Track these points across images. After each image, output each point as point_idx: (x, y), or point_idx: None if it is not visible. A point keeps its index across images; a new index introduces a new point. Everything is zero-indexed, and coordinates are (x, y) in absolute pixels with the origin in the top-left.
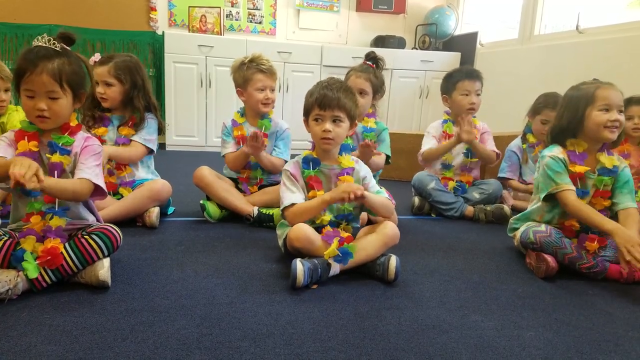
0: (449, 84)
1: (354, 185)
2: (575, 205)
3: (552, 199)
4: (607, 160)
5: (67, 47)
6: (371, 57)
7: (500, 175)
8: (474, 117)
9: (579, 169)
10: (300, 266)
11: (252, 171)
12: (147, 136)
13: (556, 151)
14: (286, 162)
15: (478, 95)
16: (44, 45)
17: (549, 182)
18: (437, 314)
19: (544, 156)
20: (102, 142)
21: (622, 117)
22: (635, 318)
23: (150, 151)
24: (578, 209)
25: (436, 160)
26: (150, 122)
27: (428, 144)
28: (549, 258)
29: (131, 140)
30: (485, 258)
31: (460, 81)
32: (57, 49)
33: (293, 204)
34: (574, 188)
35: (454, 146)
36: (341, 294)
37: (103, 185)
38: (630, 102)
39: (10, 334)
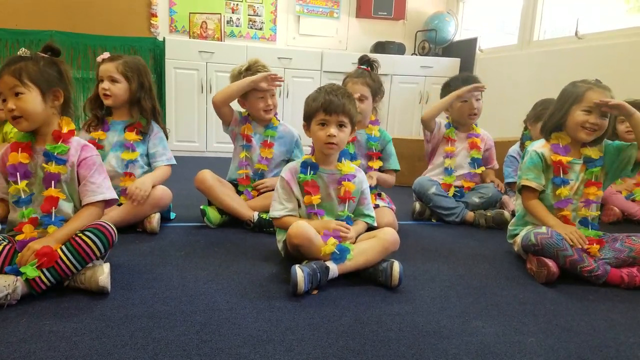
0: (447, 92)
1: (344, 229)
2: (526, 204)
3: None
4: (591, 151)
5: (44, 55)
6: (365, 61)
7: (507, 180)
8: (476, 125)
9: (562, 158)
10: (300, 272)
11: (257, 178)
12: (169, 154)
13: (537, 145)
14: None
15: (478, 100)
16: (18, 54)
17: (519, 175)
18: (437, 319)
19: (527, 151)
20: (99, 147)
21: (603, 122)
22: (637, 324)
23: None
24: (529, 205)
25: (436, 114)
26: (160, 135)
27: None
28: (550, 263)
29: (136, 148)
30: (486, 263)
31: (458, 88)
32: (27, 55)
33: (283, 216)
34: (536, 184)
35: (453, 99)
36: (341, 300)
37: (115, 195)
38: None
39: (9, 340)
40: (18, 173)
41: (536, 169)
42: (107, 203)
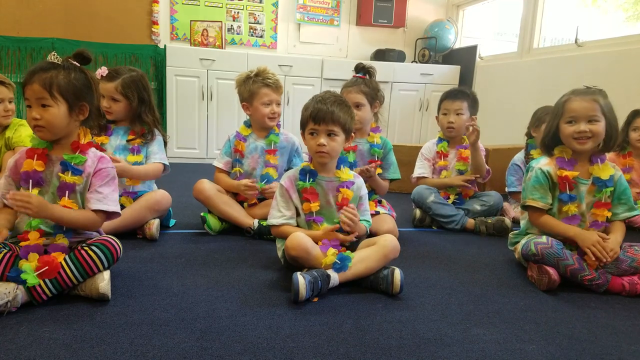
0: (438, 104)
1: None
2: (537, 223)
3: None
4: (601, 171)
5: (75, 63)
6: (360, 69)
7: (510, 190)
8: (466, 135)
9: (568, 173)
10: (301, 280)
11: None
12: (162, 154)
13: (543, 162)
14: None
15: (458, 114)
16: (49, 60)
17: (525, 194)
18: (438, 327)
19: (531, 168)
20: (102, 150)
21: (592, 127)
22: (639, 331)
23: (165, 168)
24: (540, 223)
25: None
26: (159, 138)
27: (421, 168)
28: (551, 270)
29: (141, 150)
30: (487, 271)
31: (442, 101)
32: (58, 62)
33: (281, 224)
34: (542, 204)
35: (450, 184)
36: (342, 307)
37: (119, 209)
38: (637, 114)
39: (9, 347)
40: (31, 180)
41: (542, 188)
42: (109, 216)
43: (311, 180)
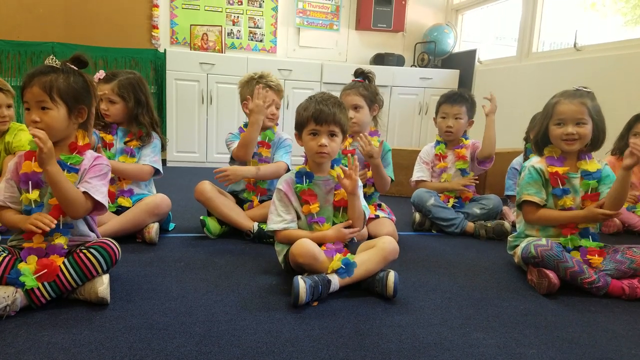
0: (437, 106)
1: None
2: (532, 218)
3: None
4: (589, 165)
5: (73, 67)
6: (359, 73)
7: (507, 193)
8: (466, 138)
9: (558, 169)
10: (302, 283)
11: (257, 181)
12: (154, 157)
13: (534, 161)
14: (287, 165)
15: (457, 119)
16: (47, 64)
17: (519, 192)
18: (438, 331)
19: (524, 167)
20: (110, 146)
21: (579, 129)
22: (639, 336)
23: (156, 172)
24: (537, 217)
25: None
26: (155, 141)
27: (420, 172)
28: (551, 274)
29: (135, 153)
30: (487, 275)
31: (441, 104)
32: (57, 66)
33: (283, 229)
34: (538, 199)
35: (449, 189)
36: (341, 311)
37: (105, 202)
38: (638, 119)
39: (7, 352)
40: (30, 182)
41: (536, 183)
42: (96, 207)
43: (308, 182)
